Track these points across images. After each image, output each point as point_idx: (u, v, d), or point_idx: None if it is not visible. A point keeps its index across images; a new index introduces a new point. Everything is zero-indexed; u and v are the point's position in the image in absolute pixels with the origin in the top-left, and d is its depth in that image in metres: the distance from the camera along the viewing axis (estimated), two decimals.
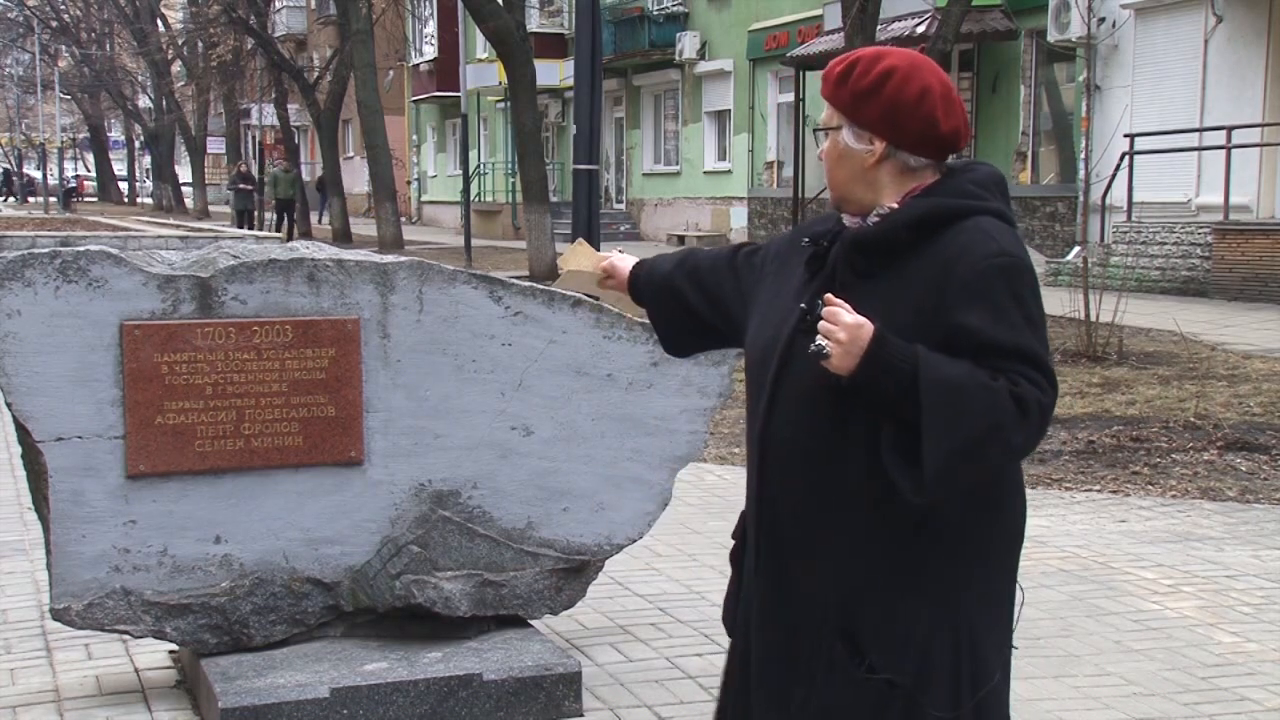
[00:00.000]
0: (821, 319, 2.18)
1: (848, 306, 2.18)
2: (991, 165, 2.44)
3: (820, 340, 2.16)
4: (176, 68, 50.75)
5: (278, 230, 32.25)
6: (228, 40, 40.01)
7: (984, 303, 2.20)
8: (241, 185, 35.94)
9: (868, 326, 2.15)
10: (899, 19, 21.74)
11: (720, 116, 30.78)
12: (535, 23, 32.93)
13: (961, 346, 2.19)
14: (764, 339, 2.43)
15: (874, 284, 2.28)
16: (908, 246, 2.28)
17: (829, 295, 2.21)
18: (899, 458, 2.17)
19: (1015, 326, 2.21)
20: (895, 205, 2.33)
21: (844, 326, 2.15)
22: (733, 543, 2.63)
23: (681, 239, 30.80)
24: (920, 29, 20.75)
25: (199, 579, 4.11)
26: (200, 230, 24.65)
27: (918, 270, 2.26)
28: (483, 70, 35.75)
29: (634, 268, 2.88)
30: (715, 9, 30.23)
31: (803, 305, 2.28)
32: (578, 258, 2.98)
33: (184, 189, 53.72)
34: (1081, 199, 19.41)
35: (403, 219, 34.27)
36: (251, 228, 33.52)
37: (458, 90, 32.25)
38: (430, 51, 40.93)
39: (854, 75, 2.33)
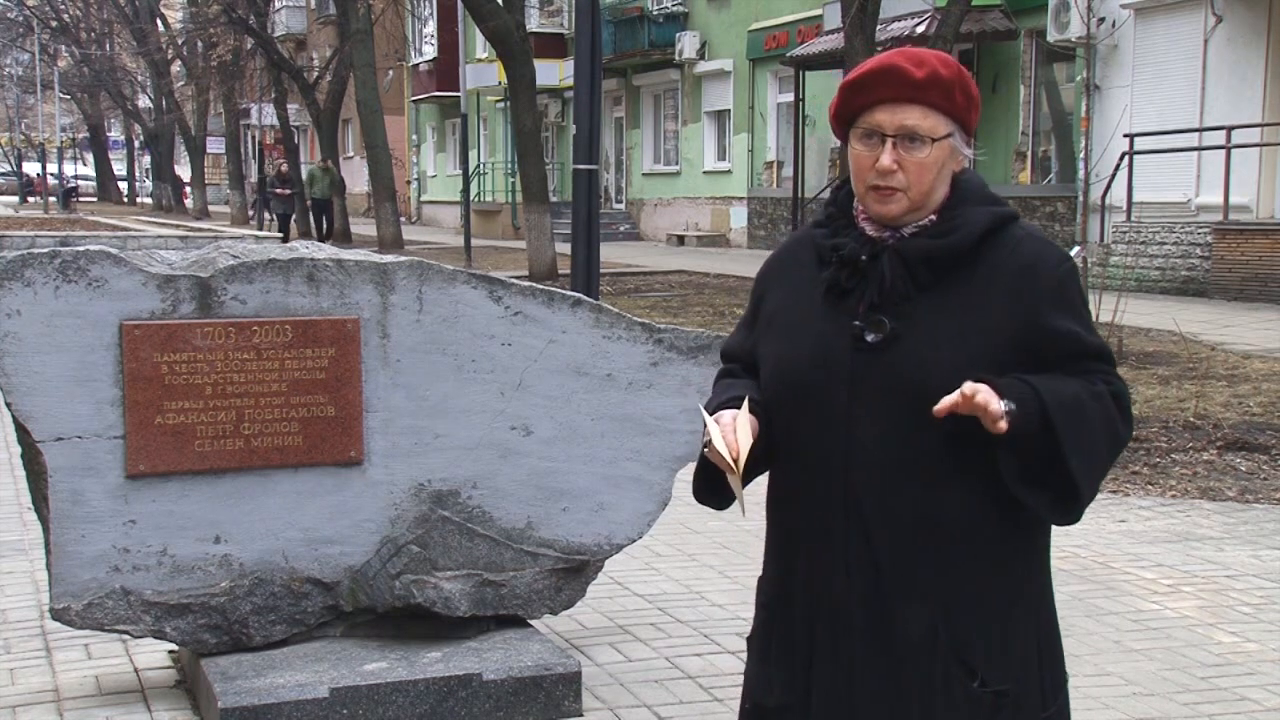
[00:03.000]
0: (965, 402, 2.11)
1: (969, 393, 2.10)
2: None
3: (1000, 424, 2.12)
4: (176, 68, 50.72)
5: (318, 237, 29.26)
6: (227, 40, 39.96)
7: (1070, 308, 2.25)
8: (280, 190, 30.91)
9: (986, 387, 2.11)
10: (899, 19, 21.74)
11: (720, 116, 30.79)
12: (535, 23, 32.94)
13: (1064, 350, 2.23)
14: (803, 359, 2.29)
15: (935, 295, 2.22)
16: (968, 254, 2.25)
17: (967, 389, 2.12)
18: (1026, 486, 2.21)
19: (1092, 328, 2.28)
20: (935, 215, 2.27)
21: (987, 401, 2.10)
22: (752, 621, 2.44)
23: (681, 239, 30.84)
24: (920, 29, 20.75)
25: (199, 579, 4.11)
26: (200, 230, 24.62)
27: (987, 278, 2.22)
28: (483, 70, 35.77)
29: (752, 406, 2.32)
30: (715, 9, 30.23)
31: (856, 322, 2.23)
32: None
33: (188, 188, 53.73)
34: (1081, 199, 19.41)
35: (402, 219, 34.21)
36: (286, 236, 28.05)
37: (458, 90, 32.23)
38: (430, 51, 40.94)
39: (962, 79, 2.26)
